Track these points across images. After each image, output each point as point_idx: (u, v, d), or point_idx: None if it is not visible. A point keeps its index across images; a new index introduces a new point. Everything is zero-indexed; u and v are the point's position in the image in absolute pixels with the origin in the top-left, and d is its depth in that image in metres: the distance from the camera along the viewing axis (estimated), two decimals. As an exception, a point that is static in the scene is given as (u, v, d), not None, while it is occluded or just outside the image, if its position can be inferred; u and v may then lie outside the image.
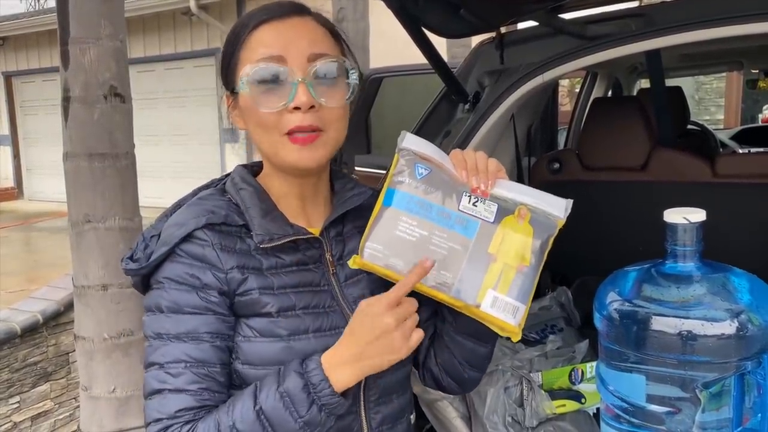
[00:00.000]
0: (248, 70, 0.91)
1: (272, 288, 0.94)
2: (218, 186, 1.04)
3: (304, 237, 0.98)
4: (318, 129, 0.93)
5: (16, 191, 12.02)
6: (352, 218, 1.03)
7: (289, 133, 0.92)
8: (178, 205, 1.01)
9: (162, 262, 0.93)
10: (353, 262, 0.91)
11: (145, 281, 0.96)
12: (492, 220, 0.92)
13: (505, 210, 0.93)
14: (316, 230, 1.01)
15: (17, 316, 3.56)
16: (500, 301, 0.91)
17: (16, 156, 12.02)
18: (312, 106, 0.91)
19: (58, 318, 3.69)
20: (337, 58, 0.95)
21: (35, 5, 15.78)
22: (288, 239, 0.95)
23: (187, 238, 0.92)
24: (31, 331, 3.56)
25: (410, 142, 0.95)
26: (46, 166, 11.15)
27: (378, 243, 0.90)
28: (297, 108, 0.91)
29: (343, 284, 1.01)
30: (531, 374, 1.41)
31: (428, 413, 1.56)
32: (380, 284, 0.99)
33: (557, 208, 0.97)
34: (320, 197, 1.05)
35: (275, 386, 0.86)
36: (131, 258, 0.96)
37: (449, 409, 1.45)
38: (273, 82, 0.91)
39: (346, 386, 0.88)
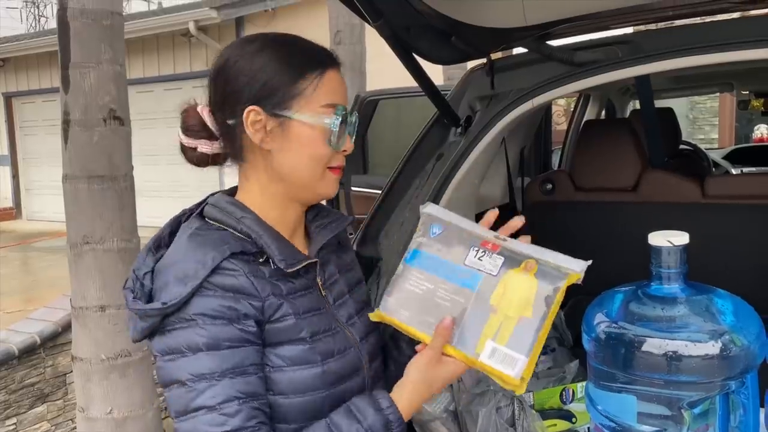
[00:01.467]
0: (329, 112, 0.97)
1: (299, 312, 0.96)
2: (196, 216, 1.01)
3: (312, 261, 1.01)
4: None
5: (15, 211, 12.01)
6: (327, 243, 1.07)
7: (331, 168, 1.00)
8: (158, 243, 0.99)
9: (191, 297, 0.89)
10: (373, 315, 0.98)
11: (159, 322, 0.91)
12: (495, 273, 0.94)
13: (511, 262, 0.95)
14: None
15: (15, 337, 3.56)
16: (499, 352, 0.90)
17: (15, 176, 12.04)
18: None
19: (56, 339, 3.68)
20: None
21: (36, 26, 15.92)
22: (304, 263, 0.99)
23: (216, 270, 0.90)
24: (28, 352, 3.55)
25: (430, 208, 1.03)
26: (45, 186, 11.16)
27: (391, 296, 0.97)
28: (344, 150, 1.01)
29: (333, 306, 1.04)
30: (522, 394, 1.43)
31: None
32: (361, 305, 1.09)
33: (574, 263, 0.96)
34: (302, 225, 1.09)
35: (358, 425, 0.90)
36: (136, 297, 0.91)
37: (442, 429, 1.46)
38: (343, 126, 0.99)
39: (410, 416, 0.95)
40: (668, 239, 0.99)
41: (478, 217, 1.86)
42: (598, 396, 1.06)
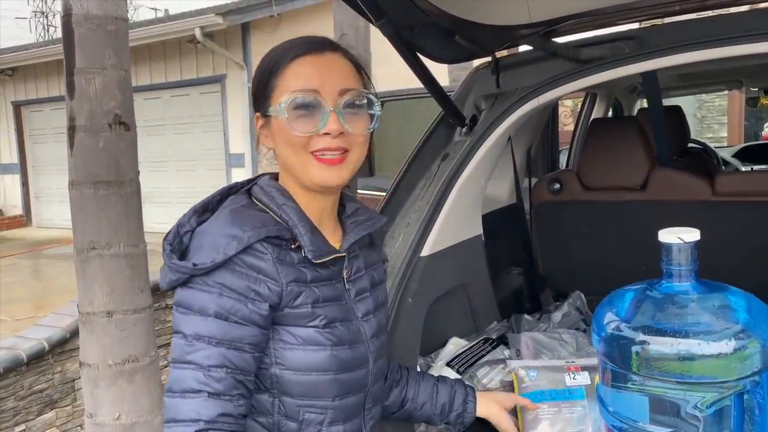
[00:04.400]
0: (287, 98, 1.00)
1: (319, 300, 1.02)
2: (244, 192, 1.09)
3: (341, 255, 1.06)
4: (345, 150, 1.03)
5: (25, 219, 12.09)
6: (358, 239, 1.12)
7: (315, 152, 1.02)
8: (205, 206, 1.05)
9: (218, 267, 0.96)
10: None
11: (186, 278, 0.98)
12: (590, 382, 1.36)
13: (591, 372, 1.37)
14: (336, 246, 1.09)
15: (23, 343, 3.56)
16: None
17: (25, 183, 12.12)
18: (340, 133, 1.01)
19: (64, 345, 3.69)
20: (364, 92, 1.06)
21: (45, 36, 16.05)
22: (332, 257, 1.04)
23: (247, 249, 0.96)
24: (37, 358, 3.56)
25: (516, 363, 1.43)
26: (54, 194, 11.24)
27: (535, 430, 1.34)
28: (327, 133, 1.01)
29: (353, 299, 1.09)
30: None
31: None
32: (379, 304, 1.14)
33: None
34: (333, 216, 1.13)
35: None
36: (171, 250, 0.99)
37: None
38: (308, 109, 1.01)
39: None
40: (679, 236, 0.97)
41: (484, 219, 1.86)
42: (609, 397, 1.05)
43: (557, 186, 2.21)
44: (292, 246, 1.01)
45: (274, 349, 0.99)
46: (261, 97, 1.04)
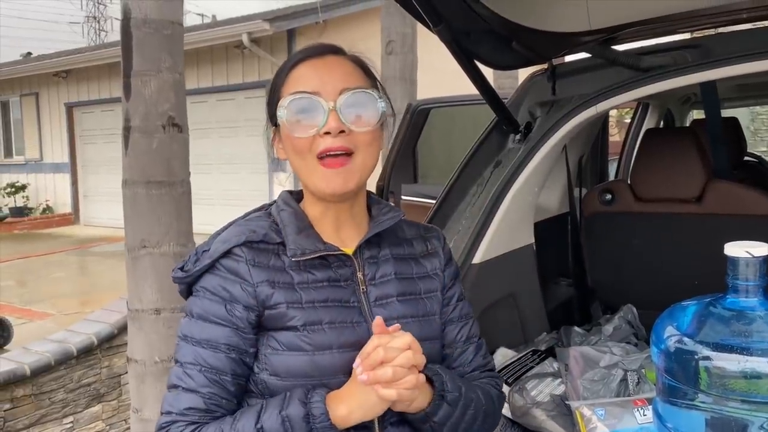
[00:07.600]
0: (286, 101, 1.01)
1: (300, 302, 1.01)
2: (266, 210, 1.12)
3: (335, 253, 1.04)
4: (349, 151, 1.00)
5: (73, 216, 12.46)
6: (389, 244, 1.10)
7: (321, 156, 1.00)
8: (229, 225, 1.09)
9: (204, 272, 1.02)
10: None
11: (189, 289, 1.05)
12: None
13: None
14: (349, 251, 1.06)
15: (73, 337, 3.66)
16: None
17: (74, 183, 12.49)
18: (342, 131, 1.00)
19: (112, 340, 3.78)
20: (367, 90, 1.03)
21: (96, 40, 16.56)
22: (319, 254, 1.03)
23: (227, 253, 1.01)
24: (86, 352, 3.65)
25: (579, 402, 1.34)
26: (102, 193, 11.54)
27: None
28: (328, 133, 0.99)
29: (372, 303, 1.05)
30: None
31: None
32: (409, 310, 1.08)
33: None
34: (357, 221, 1.10)
35: (278, 409, 0.95)
36: (181, 268, 1.04)
37: (540, 415, 1.44)
38: (306, 110, 1.00)
39: (346, 422, 0.95)
40: (747, 250, 0.94)
41: (536, 228, 1.83)
42: (668, 413, 1.02)
43: (609, 197, 2.17)
44: (286, 249, 1.03)
45: (264, 355, 1.00)
46: (271, 107, 1.06)
